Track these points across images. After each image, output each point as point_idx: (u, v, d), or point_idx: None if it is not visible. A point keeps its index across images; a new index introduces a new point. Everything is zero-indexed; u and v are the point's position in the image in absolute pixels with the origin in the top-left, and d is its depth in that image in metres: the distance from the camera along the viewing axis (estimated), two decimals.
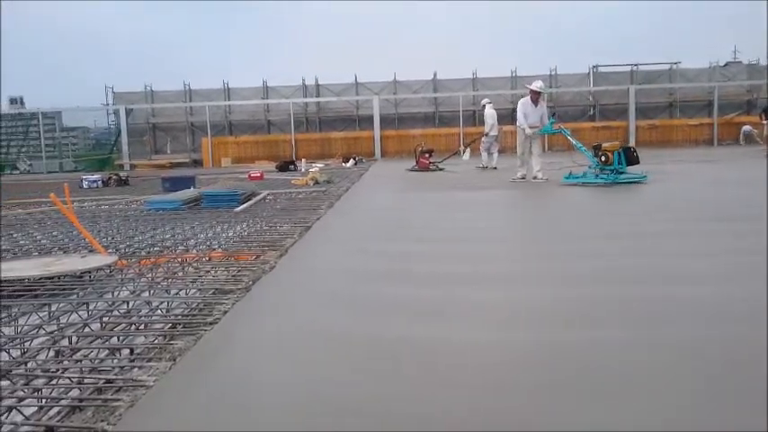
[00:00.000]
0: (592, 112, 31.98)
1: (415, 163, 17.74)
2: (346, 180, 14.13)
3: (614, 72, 32.50)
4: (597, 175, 10.77)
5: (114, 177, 15.06)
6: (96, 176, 14.98)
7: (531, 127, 12.21)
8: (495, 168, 16.17)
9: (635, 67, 32.24)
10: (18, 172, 31.46)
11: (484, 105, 18.82)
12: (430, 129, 30.79)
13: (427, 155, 17.64)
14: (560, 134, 14.30)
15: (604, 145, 11.19)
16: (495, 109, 18.67)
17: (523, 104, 12.54)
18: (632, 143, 29.77)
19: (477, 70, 32.11)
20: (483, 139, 17.93)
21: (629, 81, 31.32)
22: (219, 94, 31.99)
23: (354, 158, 23.59)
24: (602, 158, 10.82)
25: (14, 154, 35.06)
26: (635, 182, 10.59)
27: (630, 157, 10.97)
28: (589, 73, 32.21)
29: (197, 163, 29.72)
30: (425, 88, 32.01)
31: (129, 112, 30.57)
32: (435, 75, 32.05)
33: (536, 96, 12.41)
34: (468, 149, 21.43)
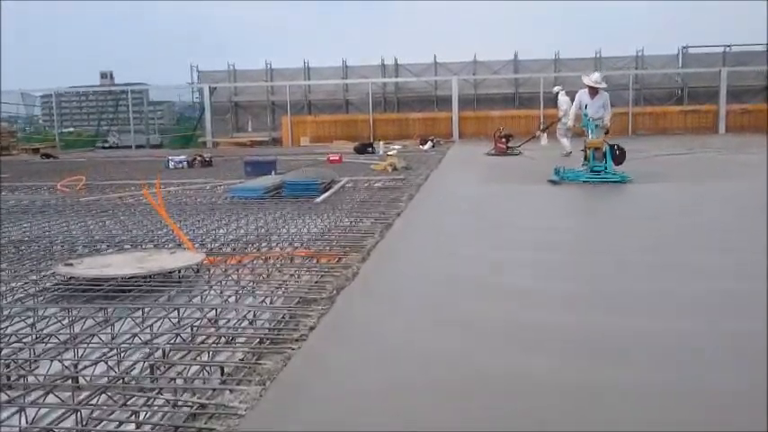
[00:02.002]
0: (679, 95, 30.76)
1: (493, 147, 17.78)
2: (424, 166, 14.08)
3: (706, 53, 31.09)
4: (578, 174, 10.43)
5: (199, 158, 15.48)
6: (182, 157, 15.42)
7: (592, 119, 11.93)
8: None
9: (728, 48, 30.75)
10: (107, 145, 32.84)
11: (557, 93, 18.49)
12: (509, 110, 30.28)
13: (504, 140, 17.70)
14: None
15: (587, 141, 10.84)
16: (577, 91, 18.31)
17: (580, 96, 12.26)
18: (722, 129, 28.53)
19: (559, 51, 31.32)
20: (558, 124, 17.77)
21: (722, 63, 29.92)
22: (300, 74, 32.31)
23: (432, 141, 23.48)
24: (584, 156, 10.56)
25: (105, 126, 36.56)
26: (613, 182, 10.11)
27: (613, 156, 10.41)
28: (678, 54, 30.93)
29: (276, 141, 30.22)
30: (506, 69, 31.46)
31: (212, 91, 31.32)
32: (516, 55, 31.45)
33: (593, 89, 12.07)
34: (546, 135, 21.09)
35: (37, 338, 3.37)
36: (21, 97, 35.69)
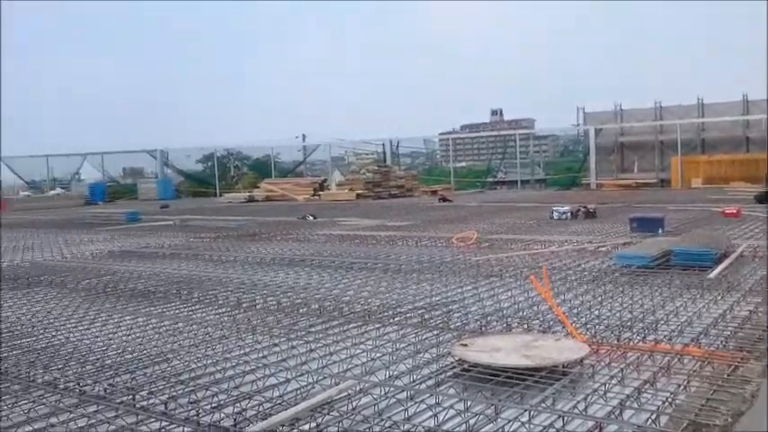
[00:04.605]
0: None
1: None
2: None
3: None
4: None
5: (582, 210, 15.58)
6: (565, 208, 15.69)
7: None
8: None
9: None
10: (497, 179, 35.19)
11: None
12: None
13: None
14: None
15: None
16: None
17: None
18: None
19: None
20: None
21: None
22: (692, 111, 30.43)
23: None
24: None
25: (496, 160, 39.15)
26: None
27: None
28: None
29: (664, 183, 28.89)
30: None
31: (598, 132, 31.26)
32: None
33: None
34: None
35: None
36: (423, 142, 40.34)
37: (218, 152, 42.78)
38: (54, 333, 6.32)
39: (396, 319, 6.41)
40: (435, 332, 5.89)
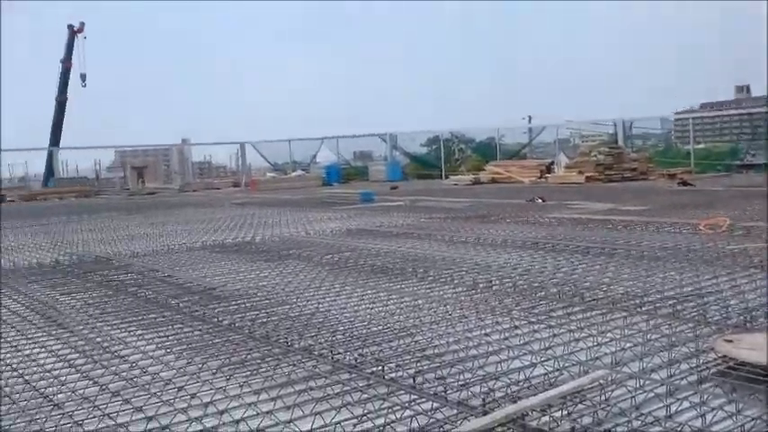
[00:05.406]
0: None
1: None
2: None
3: None
4: None
5: None
6: None
7: None
8: None
9: None
10: (742, 162, 31.97)
11: None
12: None
13: None
14: None
15: None
16: None
17: None
18: None
19: None
20: None
21: None
22: None
23: None
24: None
25: (743, 142, 35.75)
26: None
27: None
28: None
29: None
30: None
31: None
32: None
33: None
34: None
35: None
36: (660, 122, 37.73)
37: (442, 135, 43.33)
38: (305, 303, 6.75)
39: (644, 309, 5.98)
40: (691, 325, 5.41)
